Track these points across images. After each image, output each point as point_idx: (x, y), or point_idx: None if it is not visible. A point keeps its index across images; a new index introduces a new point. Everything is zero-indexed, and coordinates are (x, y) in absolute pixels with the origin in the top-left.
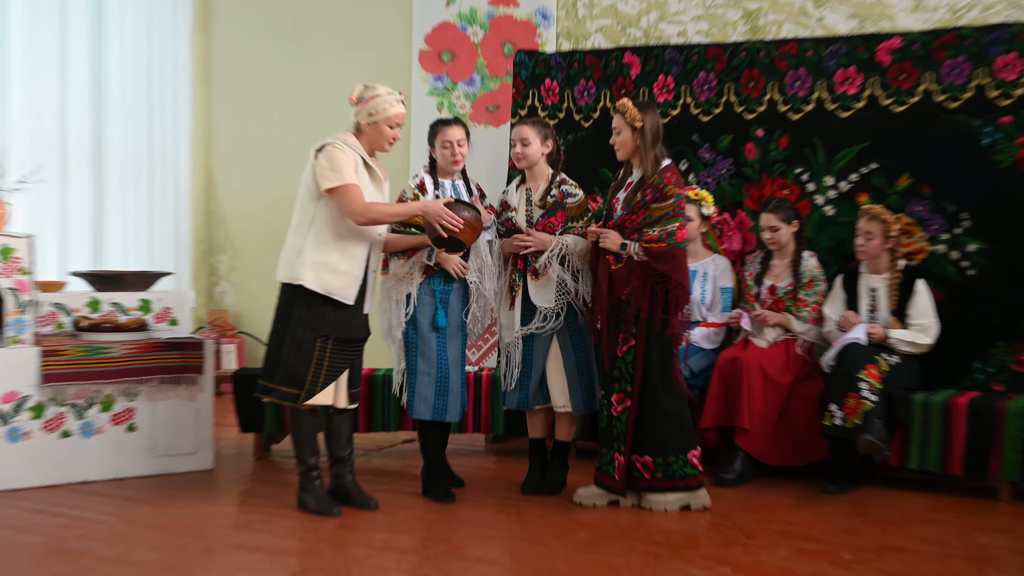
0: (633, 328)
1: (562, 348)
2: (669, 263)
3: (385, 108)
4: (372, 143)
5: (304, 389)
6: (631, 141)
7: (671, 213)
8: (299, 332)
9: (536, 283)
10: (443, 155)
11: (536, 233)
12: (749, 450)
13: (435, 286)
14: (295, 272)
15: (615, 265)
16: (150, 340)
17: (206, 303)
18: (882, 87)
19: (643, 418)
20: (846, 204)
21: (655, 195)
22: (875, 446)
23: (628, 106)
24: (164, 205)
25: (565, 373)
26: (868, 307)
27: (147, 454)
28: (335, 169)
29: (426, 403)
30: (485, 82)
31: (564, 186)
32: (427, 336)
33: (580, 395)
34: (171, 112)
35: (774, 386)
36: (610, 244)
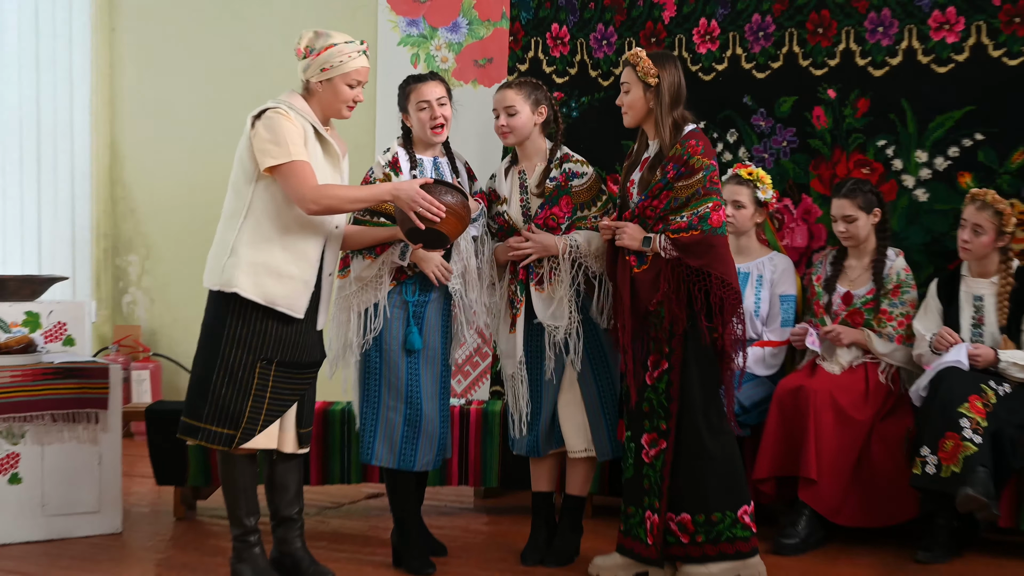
0: (666, 347)
1: (580, 377)
2: (706, 256)
3: (342, 61)
4: (326, 108)
5: (240, 429)
6: (642, 102)
7: (701, 191)
8: (233, 355)
9: (542, 296)
10: (419, 120)
11: (537, 233)
12: (817, 507)
13: (407, 296)
14: (227, 277)
15: (638, 267)
16: (38, 365)
17: (111, 317)
18: (991, 34)
19: (680, 465)
20: (943, 187)
21: (678, 170)
22: (979, 502)
23: (641, 56)
24: (56, 189)
25: (585, 408)
26: (971, 321)
27: (35, 513)
28: (278, 142)
29: (391, 447)
30: (474, 28)
31: (567, 163)
32: (395, 361)
33: (606, 434)
34: (64, 68)
35: (849, 424)
36: (629, 241)
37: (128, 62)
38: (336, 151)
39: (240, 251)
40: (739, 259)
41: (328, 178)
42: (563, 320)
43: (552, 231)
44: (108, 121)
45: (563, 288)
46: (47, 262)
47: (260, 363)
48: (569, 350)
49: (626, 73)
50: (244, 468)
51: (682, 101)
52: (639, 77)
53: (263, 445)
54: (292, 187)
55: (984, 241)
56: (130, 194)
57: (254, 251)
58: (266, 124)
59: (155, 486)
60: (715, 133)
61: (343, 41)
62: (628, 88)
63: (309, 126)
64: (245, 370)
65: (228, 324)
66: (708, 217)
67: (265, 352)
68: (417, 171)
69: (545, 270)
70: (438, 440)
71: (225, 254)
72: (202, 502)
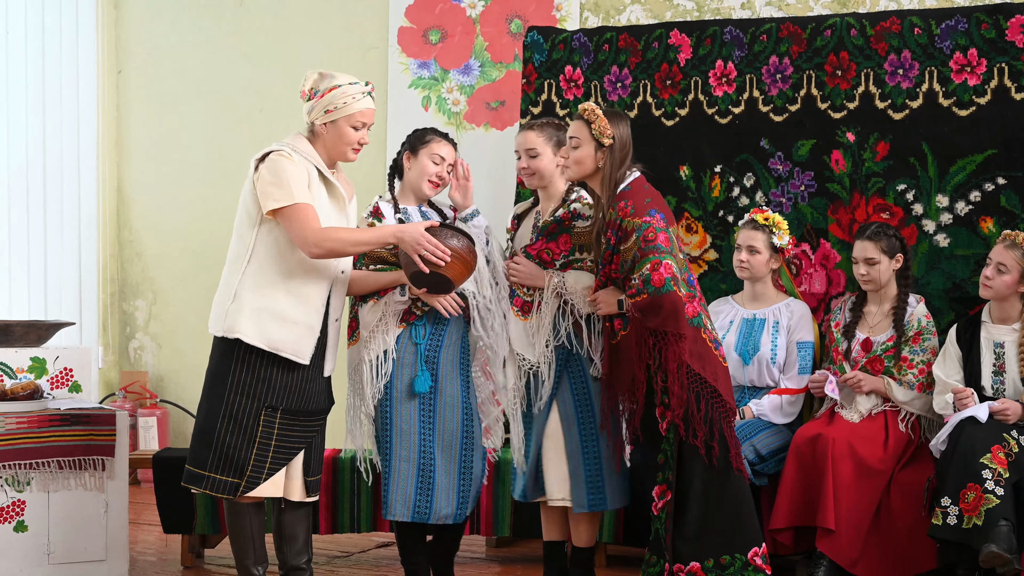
0: (666, 399)
1: (563, 420)
2: (657, 316)
3: (346, 103)
4: (331, 150)
5: (244, 477)
6: (592, 160)
7: (638, 254)
8: (237, 402)
9: (521, 324)
10: (423, 168)
11: (525, 262)
12: (835, 558)
13: (417, 339)
14: (230, 322)
15: (624, 330)
16: (44, 412)
17: (118, 362)
18: (1013, 76)
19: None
20: (965, 232)
21: (617, 235)
22: (1002, 559)
23: (598, 114)
24: (62, 233)
25: (566, 455)
26: (992, 368)
27: (41, 561)
28: (280, 184)
29: (404, 499)
30: (486, 70)
31: (576, 204)
32: (405, 408)
33: (583, 484)
34: (70, 111)
35: (868, 474)
36: (606, 308)
37: (135, 104)
38: (342, 194)
39: (243, 296)
40: (755, 305)
41: (333, 222)
42: (533, 353)
43: (545, 265)
44: (115, 164)
45: (543, 321)
46: (53, 307)
47: (265, 410)
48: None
49: (577, 127)
50: (252, 517)
51: (628, 161)
52: (593, 135)
53: (269, 493)
54: (294, 230)
55: (1007, 281)
56: (137, 238)
57: (257, 296)
58: (269, 167)
59: (162, 534)
60: (732, 177)
61: (347, 83)
62: (578, 143)
63: (313, 168)
64: (249, 417)
65: (232, 371)
66: (649, 279)
67: (270, 399)
68: (403, 218)
69: (534, 299)
70: (457, 492)
71: (228, 299)
72: (210, 551)
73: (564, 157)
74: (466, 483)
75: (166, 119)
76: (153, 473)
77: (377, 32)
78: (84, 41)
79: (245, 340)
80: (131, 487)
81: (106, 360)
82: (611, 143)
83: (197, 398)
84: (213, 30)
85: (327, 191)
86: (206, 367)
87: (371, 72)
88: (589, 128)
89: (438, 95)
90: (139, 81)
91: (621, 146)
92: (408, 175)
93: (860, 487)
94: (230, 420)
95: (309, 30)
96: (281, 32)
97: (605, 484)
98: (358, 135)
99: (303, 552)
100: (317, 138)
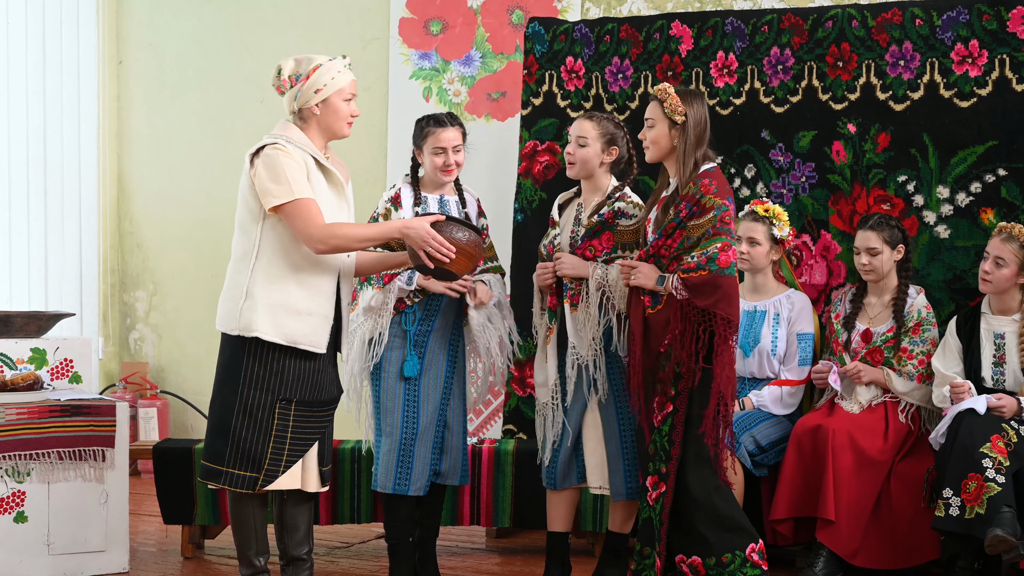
0: (671, 389)
1: (602, 411)
2: (712, 296)
3: (334, 78)
4: (326, 129)
5: (263, 471)
6: (667, 139)
7: (711, 231)
8: (252, 396)
9: (575, 315)
10: (432, 163)
11: (568, 255)
12: (835, 549)
13: (407, 325)
14: (246, 321)
15: (652, 308)
16: (45, 402)
17: (118, 353)
18: (1014, 67)
19: (685, 508)
20: (965, 223)
21: (690, 209)
22: (1008, 543)
23: (669, 92)
24: (63, 224)
25: (604, 444)
26: (992, 359)
27: (41, 552)
28: (278, 180)
29: (387, 471)
30: (487, 61)
31: (619, 202)
32: (391, 388)
33: (622, 474)
34: (71, 102)
35: (868, 464)
36: (644, 280)
37: (136, 95)
38: (339, 179)
39: (256, 293)
40: (755, 297)
41: (334, 206)
42: (583, 345)
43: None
44: (116, 155)
45: (589, 312)
46: (54, 298)
47: (280, 403)
48: (589, 376)
49: (652, 108)
50: (255, 507)
51: (706, 140)
52: (665, 113)
53: (287, 486)
54: (298, 227)
55: (1006, 274)
56: (138, 229)
57: (269, 292)
58: (265, 162)
59: (162, 525)
60: (732, 168)
61: (327, 60)
62: (653, 123)
63: (309, 158)
64: (265, 411)
65: (245, 366)
66: (716, 257)
67: (284, 392)
68: (420, 208)
69: (581, 292)
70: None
71: (240, 297)
72: (210, 541)
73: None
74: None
75: (167, 110)
76: (153, 464)
77: (378, 23)
78: (85, 32)
79: (264, 338)
80: (131, 478)
81: (106, 351)
82: (684, 120)
83: (198, 389)
84: (214, 21)
85: (325, 178)
86: (208, 358)
87: (372, 63)
88: (662, 107)
89: (439, 86)
90: (140, 72)
91: (696, 123)
92: (424, 168)
93: (860, 478)
94: (246, 415)
95: (310, 21)
96: (282, 23)
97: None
98: (350, 108)
99: (304, 543)
100: (308, 122)
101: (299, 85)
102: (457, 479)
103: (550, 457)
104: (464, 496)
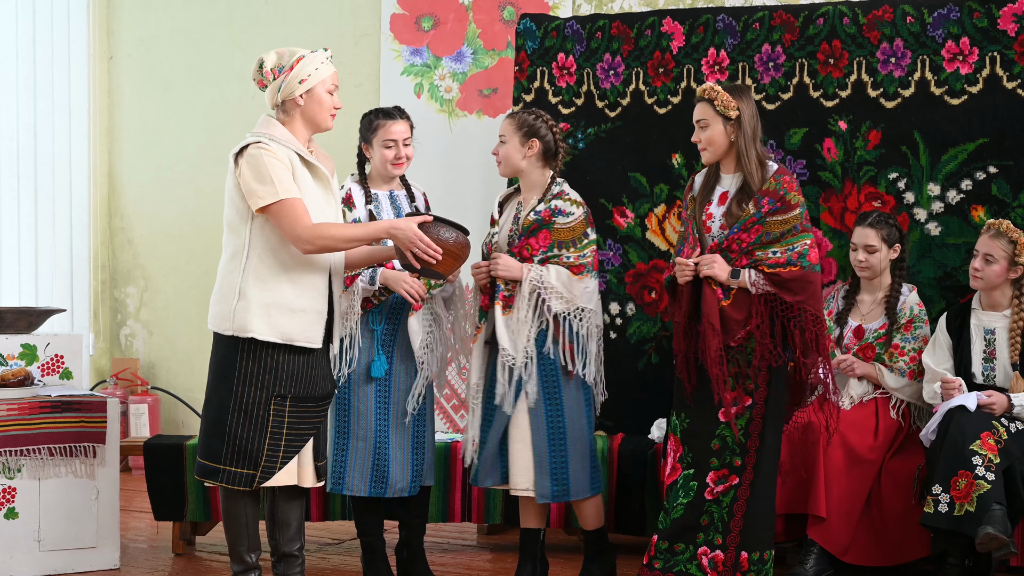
0: (752, 383)
1: (532, 413)
2: (804, 292)
3: (317, 68)
4: (310, 121)
5: (260, 468)
6: (724, 137)
7: (799, 227)
8: (247, 393)
9: (505, 317)
10: (383, 156)
11: (504, 256)
12: (826, 545)
13: (373, 324)
14: (241, 321)
15: (724, 300)
16: (35, 398)
17: (109, 349)
18: (1005, 65)
19: (753, 502)
20: (956, 221)
21: (773, 205)
22: (999, 541)
23: (718, 90)
24: (53, 220)
25: (532, 446)
26: (983, 355)
27: (32, 548)
28: (263, 180)
29: (362, 475)
30: (478, 57)
31: (556, 200)
32: (362, 390)
33: (548, 475)
34: (62, 97)
35: (859, 462)
36: (719, 271)
37: (126, 91)
38: (324, 173)
39: (249, 293)
40: None
41: (321, 201)
42: (516, 349)
43: (524, 261)
44: (106, 151)
45: (520, 315)
46: (44, 294)
47: (275, 400)
48: (520, 381)
49: (702, 109)
50: (247, 504)
51: (759, 134)
52: (718, 111)
53: (284, 482)
54: (285, 228)
55: (996, 270)
56: (128, 225)
57: (262, 291)
58: (249, 163)
59: (153, 521)
60: None
61: (309, 52)
62: (707, 123)
63: (294, 154)
64: (260, 408)
65: (239, 363)
66: (807, 254)
67: (278, 388)
68: (372, 206)
69: (516, 294)
70: (411, 466)
71: (233, 297)
72: (201, 537)
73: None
74: (419, 456)
75: (158, 106)
76: (144, 460)
77: (369, 19)
78: (75, 27)
79: (259, 338)
80: (122, 474)
81: (97, 347)
82: (738, 114)
83: (189, 385)
84: (205, 16)
85: (311, 173)
86: (197, 354)
87: (363, 59)
88: (713, 106)
89: (430, 82)
90: (130, 68)
91: (750, 116)
92: (372, 163)
93: (851, 475)
94: (241, 412)
95: (301, 16)
96: (273, 19)
97: (569, 476)
98: (333, 100)
99: (295, 539)
100: (292, 115)
101: (282, 77)
102: (432, 478)
103: (473, 456)
104: (455, 493)
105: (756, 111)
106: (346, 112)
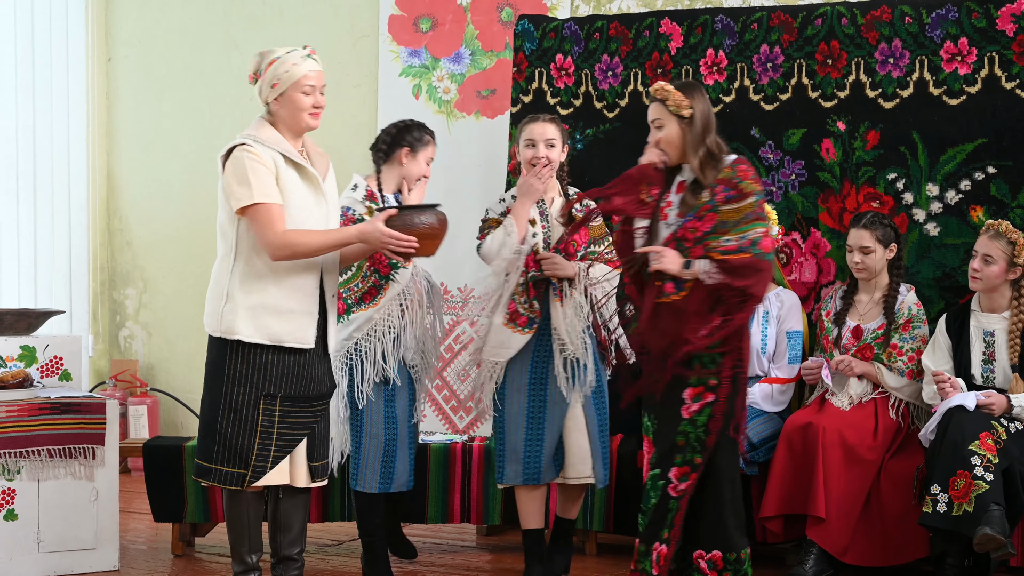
0: (712, 379)
1: (585, 405)
2: (752, 277)
3: (288, 71)
4: (291, 123)
5: (250, 468)
6: (679, 136)
7: (751, 216)
8: (235, 393)
9: (562, 309)
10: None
11: (554, 255)
12: (825, 546)
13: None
14: (228, 324)
15: (677, 294)
16: (34, 400)
17: (108, 351)
18: (1003, 65)
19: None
20: (955, 221)
21: (728, 193)
22: (997, 541)
23: (670, 91)
24: (52, 221)
25: (587, 434)
26: (982, 357)
27: (31, 550)
28: (241, 182)
29: (374, 471)
30: (476, 59)
31: (587, 200)
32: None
33: (602, 462)
34: (60, 98)
35: (858, 462)
36: (669, 264)
37: (124, 92)
38: (314, 174)
39: (235, 295)
40: None
41: (310, 204)
42: (576, 340)
43: (570, 258)
44: (105, 152)
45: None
46: (43, 295)
47: (264, 399)
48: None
49: (656, 109)
50: (250, 505)
51: (714, 128)
52: (671, 111)
53: (275, 481)
54: (257, 232)
55: (995, 271)
56: (127, 226)
57: (248, 293)
58: (233, 164)
59: (153, 523)
60: None
61: (285, 52)
62: (661, 124)
63: (278, 155)
64: (249, 408)
65: (228, 362)
66: (759, 242)
67: (268, 388)
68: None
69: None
70: (409, 463)
71: (221, 299)
72: (200, 539)
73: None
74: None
75: (156, 107)
76: (143, 461)
77: (368, 20)
78: (74, 28)
79: (246, 340)
80: (121, 476)
81: (96, 348)
82: (691, 113)
83: (188, 387)
84: (203, 17)
85: (299, 174)
86: (198, 356)
87: (361, 60)
88: (665, 106)
89: (429, 83)
90: (129, 69)
91: (703, 113)
92: (405, 169)
93: (850, 475)
94: (230, 412)
95: (298, 18)
96: (271, 19)
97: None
98: (311, 99)
99: (297, 542)
100: (276, 117)
101: (260, 79)
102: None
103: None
104: (455, 494)
105: (709, 106)
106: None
